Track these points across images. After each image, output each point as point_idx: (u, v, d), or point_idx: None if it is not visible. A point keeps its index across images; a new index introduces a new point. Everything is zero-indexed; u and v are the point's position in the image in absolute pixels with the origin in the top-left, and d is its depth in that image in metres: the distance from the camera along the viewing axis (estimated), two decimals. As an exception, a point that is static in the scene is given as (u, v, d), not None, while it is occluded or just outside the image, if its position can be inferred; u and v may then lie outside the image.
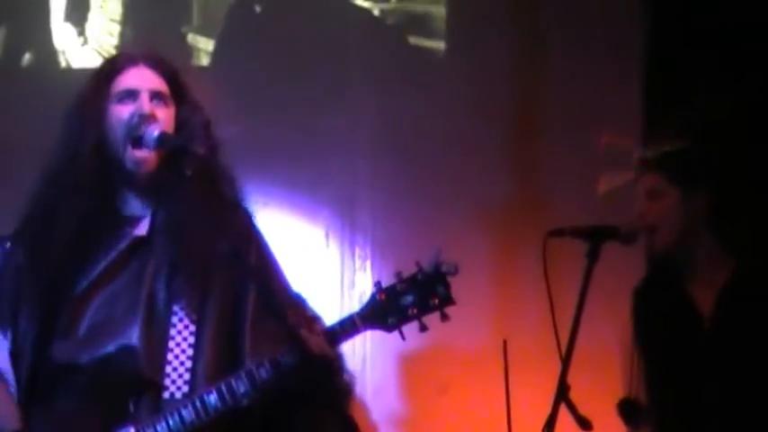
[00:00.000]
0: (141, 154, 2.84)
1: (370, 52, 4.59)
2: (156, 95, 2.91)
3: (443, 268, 2.79)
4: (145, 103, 2.87)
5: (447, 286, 2.79)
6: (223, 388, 2.76)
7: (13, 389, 2.87)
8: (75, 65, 4.68)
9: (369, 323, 2.81)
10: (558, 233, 2.94)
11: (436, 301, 2.79)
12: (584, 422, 2.75)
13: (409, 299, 2.79)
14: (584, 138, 3.83)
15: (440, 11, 4.62)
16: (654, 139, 3.32)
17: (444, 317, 2.78)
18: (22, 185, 2.96)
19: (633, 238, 3.03)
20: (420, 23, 4.63)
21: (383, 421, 4.36)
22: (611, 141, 3.28)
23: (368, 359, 4.33)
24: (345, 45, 4.59)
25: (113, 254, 2.88)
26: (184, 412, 2.75)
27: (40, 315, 2.85)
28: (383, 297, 2.80)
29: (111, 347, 2.81)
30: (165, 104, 2.92)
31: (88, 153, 2.87)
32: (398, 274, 2.81)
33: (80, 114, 2.92)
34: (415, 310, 2.79)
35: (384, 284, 2.82)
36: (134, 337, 2.81)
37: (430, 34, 4.62)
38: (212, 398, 2.75)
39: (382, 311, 2.80)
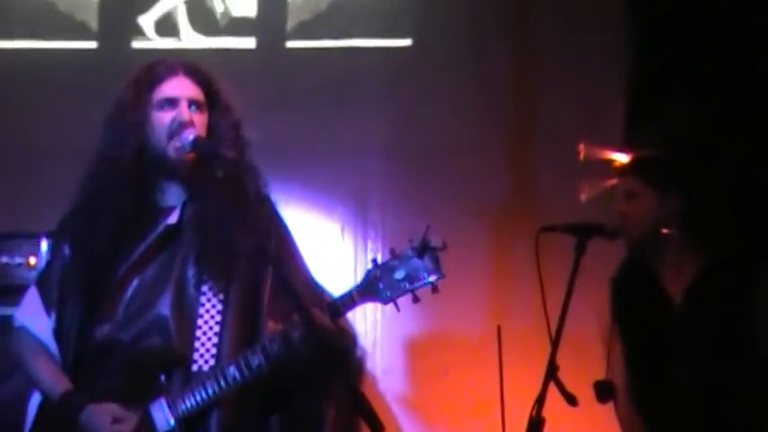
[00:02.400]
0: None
1: (381, 68, 4.58)
2: (193, 103, 2.90)
3: (431, 243, 2.72)
4: (184, 111, 2.87)
5: (436, 260, 2.71)
6: (241, 361, 2.74)
7: (57, 360, 2.86)
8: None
9: (365, 296, 2.77)
10: (550, 229, 2.91)
11: (426, 275, 2.71)
12: (570, 398, 2.72)
13: (402, 274, 2.73)
14: (572, 144, 3.80)
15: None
16: (632, 146, 3.32)
17: (435, 290, 2.70)
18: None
19: (617, 234, 3.02)
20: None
21: (391, 398, 4.34)
22: (588, 147, 3.26)
23: (378, 343, 4.31)
24: (359, 63, 4.59)
25: (148, 241, 2.87)
26: (208, 384, 2.74)
27: (84, 300, 2.85)
28: (378, 273, 2.75)
29: (144, 324, 2.80)
30: (201, 111, 2.91)
31: (130, 154, 2.86)
32: (392, 251, 2.76)
33: (122, 119, 2.90)
34: (407, 284, 2.72)
35: (379, 261, 2.77)
36: (165, 308, 2.79)
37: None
38: (231, 370, 2.74)
39: (378, 286, 2.75)
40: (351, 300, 2.79)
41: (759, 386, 3.00)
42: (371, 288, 2.76)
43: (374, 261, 2.77)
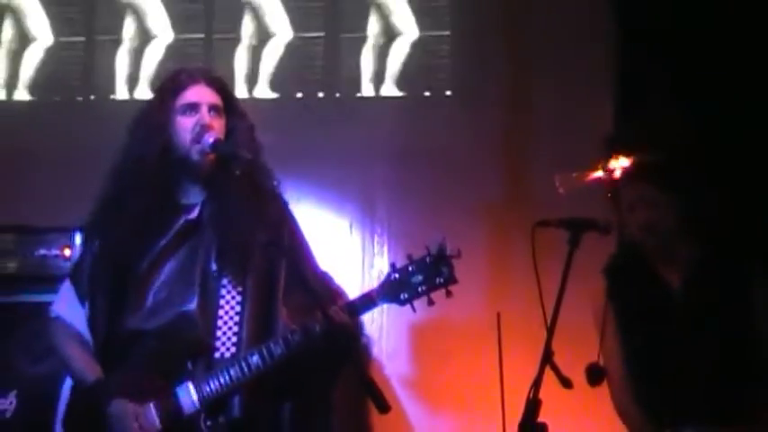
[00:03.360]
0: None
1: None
2: (212, 108, 2.93)
3: (447, 252, 2.74)
4: (205, 115, 2.89)
5: (450, 268, 2.76)
6: (263, 350, 2.75)
7: (90, 347, 2.86)
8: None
9: (384, 298, 2.79)
10: (545, 224, 2.88)
11: (441, 280, 2.76)
12: (565, 381, 2.70)
13: (419, 278, 2.76)
14: (565, 146, 3.82)
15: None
16: (626, 151, 3.27)
17: (448, 293, 2.76)
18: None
19: (609, 229, 2.99)
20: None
21: (397, 381, 4.34)
22: (564, 177, 3.19)
23: (384, 329, 4.31)
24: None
25: (169, 235, 2.89)
26: (232, 370, 2.76)
27: (112, 292, 2.87)
28: (397, 276, 2.78)
29: (172, 315, 2.80)
30: (220, 115, 2.95)
31: (155, 155, 2.89)
32: (410, 257, 2.78)
33: (148, 123, 2.94)
34: (424, 288, 2.77)
35: (398, 266, 2.78)
36: (190, 301, 2.82)
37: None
38: (255, 358, 2.76)
39: (396, 289, 2.78)
40: (370, 300, 2.81)
41: (757, 368, 3.00)
42: (390, 290, 2.78)
43: (393, 265, 2.80)
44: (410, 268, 2.77)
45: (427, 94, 4.56)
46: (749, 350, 3.01)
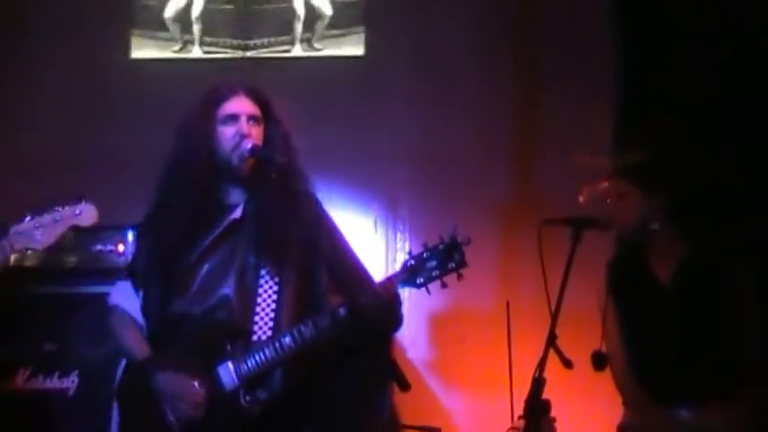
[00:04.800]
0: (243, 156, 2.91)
1: (411, 87, 4.60)
2: (251, 118, 2.96)
3: (459, 239, 2.77)
4: (244, 126, 2.94)
5: (462, 253, 2.77)
6: (294, 331, 2.80)
7: (144, 331, 2.93)
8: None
9: (402, 282, 2.82)
10: (551, 221, 2.91)
11: (453, 264, 2.76)
12: (566, 362, 2.74)
13: (433, 263, 2.77)
14: (569, 150, 3.84)
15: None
16: (620, 152, 3.31)
17: (460, 276, 2.76)
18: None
19: (608, 226, 3.03)
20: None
21: (417, 363, 4.38)
22: (582, 157, 3.25)
23: (405, 317, 4.31)
24: (395, 82, 4.62)
25: (215, 233, 2.94)
26: (266, 350, 2.80)
27: (163, 282, 2.92)
28: (413, 263, 2.79)
29: (213, 301, 2.86)
30: (258, 124, 2.98)
31: (200, 161, 2.93)
32: (425, 245, 2.81)
33: (193, 131, 2.97)
34: (437, 272, 2.77)
35: (414, 253, 2.82)
36: (229, 289, 2.86)
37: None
38: (287, 339, 2.80)
39: (412, 273, 2.79)
40: (390, 285, 2.82)
41: (737, 350, 3.03)
42: (407, 275, 2.80)
43: (410, 253, 2.81)
44: (425, 255, 2.78)
45: (447, 102, 4.55)
46: (730, 339, 3.03)
